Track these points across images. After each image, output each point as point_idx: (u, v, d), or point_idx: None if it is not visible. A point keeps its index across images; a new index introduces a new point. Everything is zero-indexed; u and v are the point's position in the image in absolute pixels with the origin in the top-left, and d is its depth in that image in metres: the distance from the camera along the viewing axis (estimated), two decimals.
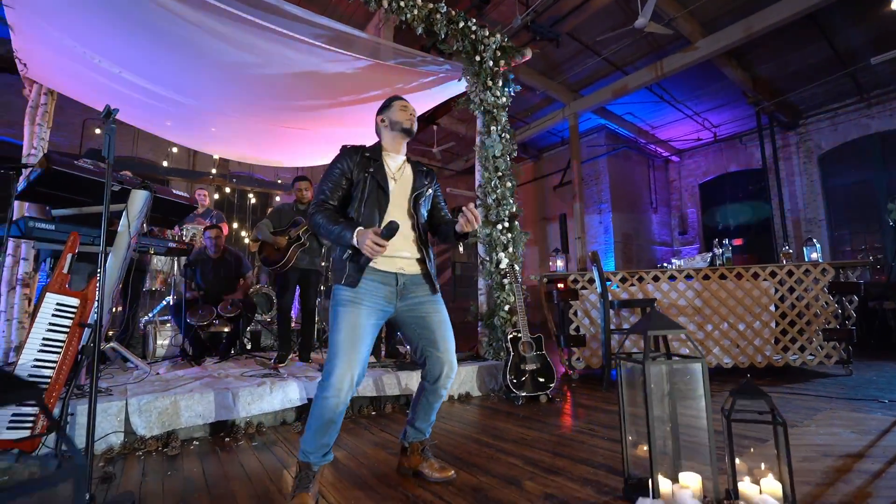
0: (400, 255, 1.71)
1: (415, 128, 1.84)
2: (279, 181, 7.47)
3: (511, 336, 3.26)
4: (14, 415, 1.83)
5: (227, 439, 2.33)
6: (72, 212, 2.70)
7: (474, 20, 3.98)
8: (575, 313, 4.02)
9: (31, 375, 1.91)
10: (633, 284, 4.01)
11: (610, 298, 3.70)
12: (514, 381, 3.12)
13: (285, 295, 3.61)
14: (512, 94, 4.19)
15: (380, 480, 1.75)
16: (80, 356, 1.95)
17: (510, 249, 3.84)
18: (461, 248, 3.46)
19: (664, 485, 1.42)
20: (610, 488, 1.62)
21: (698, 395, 1.49)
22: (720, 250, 4.16)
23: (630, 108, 9.96)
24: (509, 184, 3.97)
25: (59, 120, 4.93)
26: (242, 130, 4.73)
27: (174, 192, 3.03)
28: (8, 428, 1.80)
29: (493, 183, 3.89)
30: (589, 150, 10.91)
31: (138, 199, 2.72)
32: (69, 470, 0.67)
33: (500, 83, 4.09)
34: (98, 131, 6.14)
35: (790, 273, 3.84)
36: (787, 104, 9.27)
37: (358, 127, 4.88)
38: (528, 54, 4.23)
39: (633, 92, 8.72)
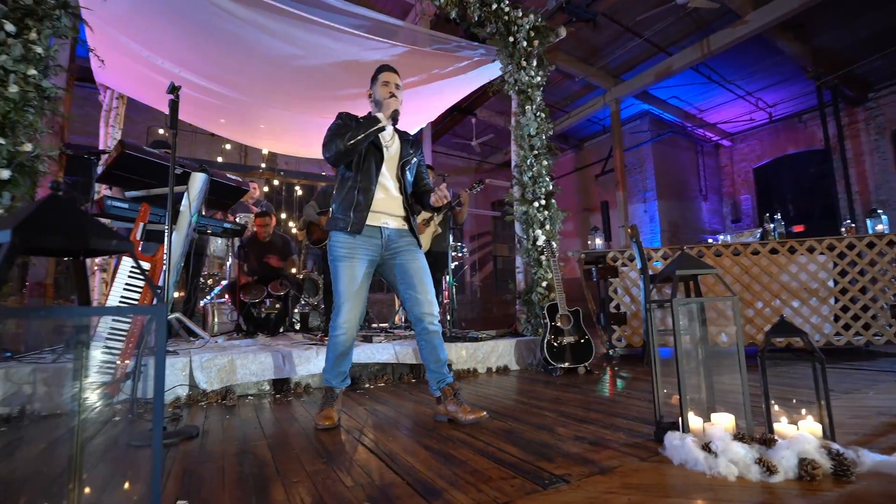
0: (385, 211, 1.96)
1: (396, 109, 1.98)
2: (323, 173, 7.80)
3: (548, 306, 3.28)
4: (101, 363, 2.07)
5: (277, 396, 2.52)
6: (142, 193, 2.97)
7: (507, 1, 4.01)
8: (615, 291, 3.96)
9: (111, 329, 2.15)
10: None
11: (651, 274, 3.62)
12: (552, 353, 3.13)
13: (327, 272, 3.80)
14: (547, 73, 4.19)
15: (417, 425, 1.84)
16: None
17: (547, 227, 3.85)
18: (436, 218, 3.62)
19: (694, 422, 1.42)
20: (642, 433, 1.63)
21: (731, 335, 1.47)
22: (772, 225, 3.96)
23: (675, 91, 9.59)
24: (545, 162, 3.98)
25: (128, 127, 5.43)
26: (288, 123, 5.01)
27: (228, 175, 3.28)
28: (95, 373, 2.04)
29: (528, 161, 3.91)
30: (632, 137, 10.60)
31: (197, 180, 2.96)
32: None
33: (535, 63, 4.10)
34: (161, 131, 6.71)
35: (851, 246, 3.61)
36: (853, 77, 8.59)
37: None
38: (563, 33, 4.21)
39: (678, 73, 8.40)
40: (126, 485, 1.24)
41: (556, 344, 3.17)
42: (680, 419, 1.43)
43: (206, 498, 1.15)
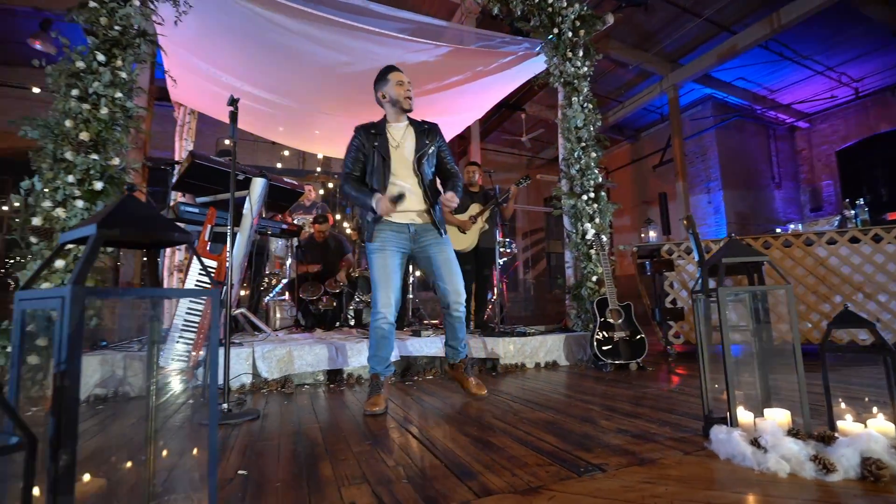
0: (410, 209, 2.12)
1: (408, 106, 2.15)
2: None
3: (597, 300, 3.21)
4: (178, 349, 2.31)
5: (331, 385, 2.67)
6: (210, 199, 3.24)
7: None
8: (671, 285, 3.79)
9: (185, 321, 2.39)
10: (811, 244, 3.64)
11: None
12: (601, 348, 3.06)
13: None
14: (594, 63, 4.08)
15: (460, 415, 1.89)
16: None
17: (597, 220, 3.75)
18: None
19: (744, 416, 1.35)
20: (689, 429, 1.57)
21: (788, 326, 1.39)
22: (852, 211, 3.61)
23: (741, 72, 8.93)
24: (594, 154, 3.88)
25: (199, 140, 5.95)
26: (340, 128, 5.23)
27: (284, 179, 3.51)
28: (174, 359, 2.28)
29: (576, 154, 3.83)
30: (693, 124, 10.00)
31: (258, 185, 3.19)
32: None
33: (581, 53, 4.00)
34: (227, 141, 7.26)
35: None
36: None
37: (444, 115, 5.12)
38: (610, 20, 4.08)
39: (744, 53, 7.82)
40: (195, 451, 1.40)
41: (605, 339, 3.09)
42: (728, 413, 1.37)
43: (262, 470, 1.27)
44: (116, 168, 2.55)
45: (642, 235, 3.61)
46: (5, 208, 7.66)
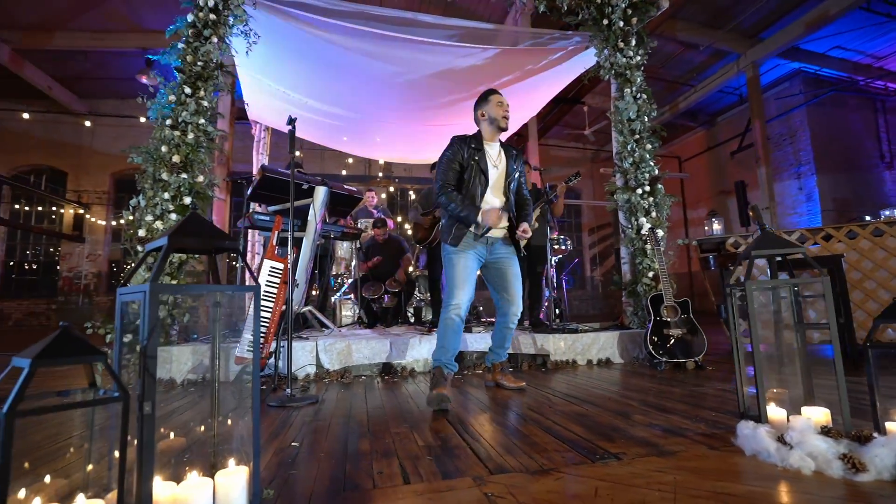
0: (498, 231, 2.24)
1: (508, 125, 2.27)
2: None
3: (652, 296, 3.13)
4: (251, 340, 2.64)
5: (385, 377, 2.88)
6: (279, 207, 3.61)
7: None
8: (738, 280, 3.56)
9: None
10: (815, 244, 3.36)
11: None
12: (655, 345, 2.98)
13: (435, 267, 4.12)
14: (648, 51, 3.93)
15: (499, 406, 1.99)
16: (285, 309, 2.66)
17: (653, 214, 3.63)
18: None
19: (776, 413, 1.32)
20: (725, 426, 1.54)
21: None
22: None
23: (836, 40, 8.01)
24: (649, 146, 3.75)
25: (274, 153, 6.55)
26: (399, 134, 5.51)
27: (344, 186, 3.79)
28: (245, 349, 2.61)
29: (629, 147, 3.73)
30: (779, 103, 9.13)
31: (320, 193, 3.51)
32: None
33: (633, 42, 3.88)
34: (298, 153, 7.93)
35: None
36: None
37: None
38: (665, 4, 3.91)
39: (838, 18, 7.02)
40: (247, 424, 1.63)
41: (660, 337, 3.01)
42: (759, 407, 1.34)
43: (312, 443, 1.47)
44: (202, 184, 2.96)
45: (706, 228, 3.37)
46: (122, 221, 8.90)
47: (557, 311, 5.22)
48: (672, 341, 2.98)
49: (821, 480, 1.08)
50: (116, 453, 0.77)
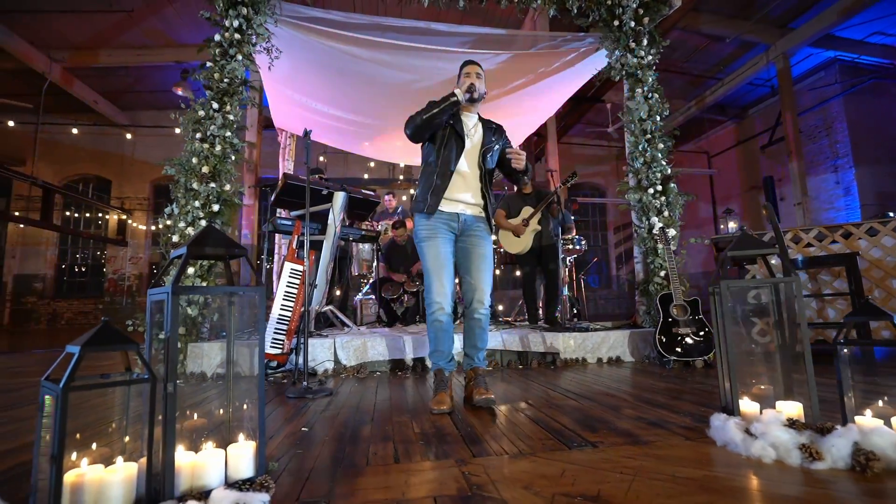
0: (461, 198, 2.11)
1: (476, 95, 2.12)
2: None
3: (661, 295, 3.17)
4: (273, 339, 2.85)
5: (398, 372, 3.04)
6: (301, 212, 3.82)
7: None
8: (754, 278, 3.54)
9: (279, 317, 2.92)
10: (834, 241, 3.30)
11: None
12: (664, 344, 3.02)
13: None
14: (660, 51, 3.94)
15: (500, 400, 2.11)
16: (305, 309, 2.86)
17: (665, 213, 3.65)
18: (526, 180, 3.50)
19: (749, 406, 1.39)
20: (708, 419, 1.61)
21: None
22: None
23: (877, 25, 7.67)
24: (661, 145, 3.77)
25: (300, 159, 6.83)
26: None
27: (361, 190, 3.99)
28: (270, 347, 2.82)
29: (640, 147, 3.76)
30: (813, 94, 8.81)
31: (339, 198, 3.71)
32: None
33: (645, 42, 3.90)
34: (322, 158, 8.21)
35: None
36: None
37: (512, 118, 5.29)
38: (678, 2, 3.91)
39: (877, 3, 6.71)
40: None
41: (669, 336, 3.04)
42: (732, 401, 1.41)
43: (320, 429, 1.63)
44: (228, 192, 3.20)
45: (721, 226, 3.31)
46: (161, 226, 9.43)
47: (575, 310, 5.28)
48: (681, 340, 3.01)
49: (780, 468, 1.15)
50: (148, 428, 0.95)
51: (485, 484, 1.09)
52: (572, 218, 4.90)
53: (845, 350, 1.31)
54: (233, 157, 3.26)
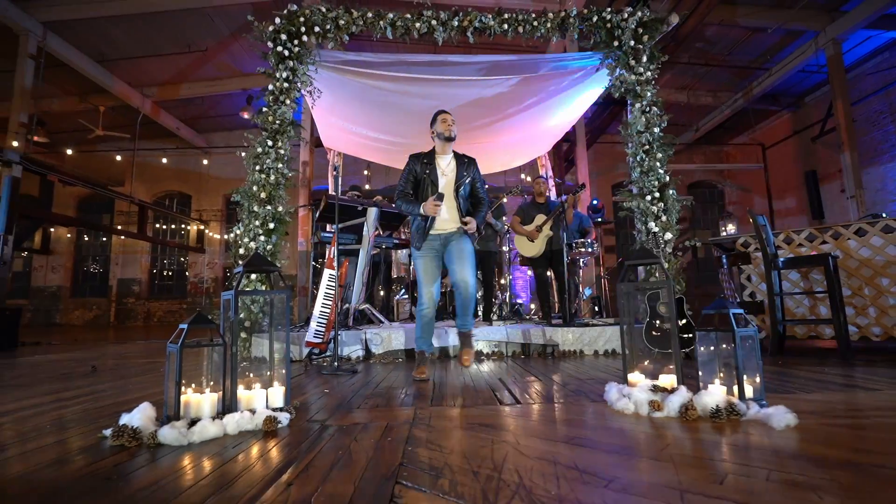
0: (443, 226, 2.74)
1: (453, 135, 2.79)
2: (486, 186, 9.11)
3: (649, 294, 3.57)
4: (315, 331, 3.62)
5: (398, 360, 3.69)
6: (341, 225, 4.60)
7: (609, 9, 4.33)
8: (748, 278, 3.82)
9: (320, 314, 3.69)
10: (825, 242, 3.53)
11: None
12: (650, 338, 3.43)
13: None
14: (659, 66, 4.28)
15: (482, 377, 2.69)
16: (340, 307, 3.60)
17: (663, 218, 4.01)
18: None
19: (636, 377, 1.89)
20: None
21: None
22: None
23: None
24: (659, 155, 4.12)
25: (345, 172, 7.74)
26: None
27: (392, 205, 4.69)
28: (313, 337, 3.59)
29: (638, 157, 4.14)
30: (875, 78, 8.40)
31: (372, 213, 4.44)
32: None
33: (644, 59, 4.27)
34: (366, 172, 9.12)
35: None
36: None
37: (531, 132, 5.79)
38: (675, 20, 4.24)
39: None
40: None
41: (655, 330, 3.45)
42: (625, 375, 1.92)
43: (338, 392, 2.32)
44: (281, 213, 4.02)
45: (722, 229, 3.43)
46: (232, 236, 10.83)
47: (596, 307, 5.69)
48: (665, 334, 3.41)
49: (634, 416, 1.67)
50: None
51: (425, 417, 1.71)
52: (591, 221, 5.33)
53: (713, 335, 1.78)
54: (283, 184, 4.08)
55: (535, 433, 1.47)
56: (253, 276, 3.76)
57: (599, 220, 6.96)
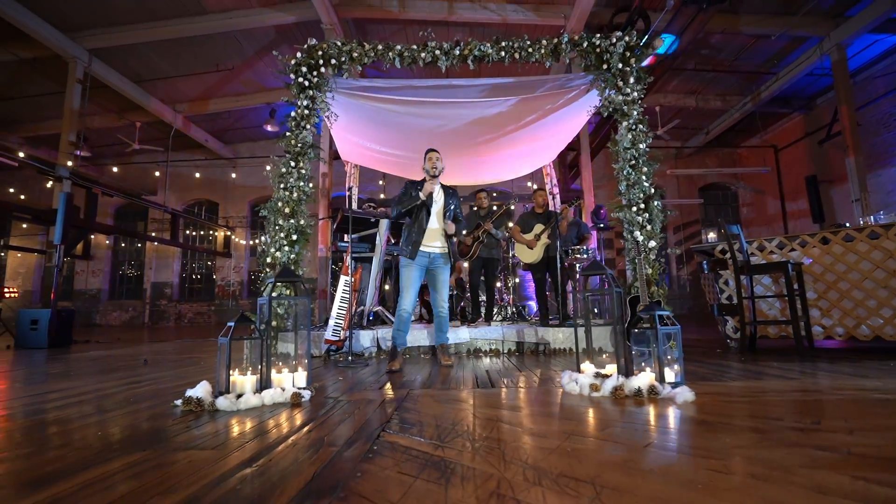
0: (431, 245, 3.35)
1: (437, 173, 3.42)
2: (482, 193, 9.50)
3: (630, 297, 4.00)
4: (333, 329, 4.17)
5: (422, 355, 4.21)
6: (356, 236, 5.15)
7: (598, 35, 4.76)
8: (726, 282, 4.20)
9: (336, 315, 4.24)
10: (793, 250, 3.89)
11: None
12: (630, 336, 3.86)
13: (472, 276, 5.36)
14: (645, 86, 4.69)
15: (469, 367, 3.18)
16: (354, 309, 4.15)
17: (647, 228, 4.42)
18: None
19: (587, 367, 2.36)
20: None
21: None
22: None
23: None
24: (645, 168, 4.53)
25: (361, 179, 8.32)
26: (451, 166, 6.82)
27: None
28: (331, 335, 4.15)
29: (625, 171, 4.56)
30: (886, 80, 8.51)
31: (383, 224, 4.98)
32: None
33: (632, 80, 4.68)
34: (381, 182, 9.71)
35: None
36: None
37: (532, 145, 6.24)
38: (658, 45, 4.64)
39: None
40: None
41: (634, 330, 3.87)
42: (577, 364, 2.38)
43: (347, 378, 2.85)
44: (303, 226, 4.60)
45: (702, 238, 3.69)
46: (258, 241, 11.53)
47: (596, 309, 6.02)
48: (644, 334, 3.83)
49: (577, 395, 2.14)
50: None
51: (415, 396, 2.22)
52: (589, 229, 5.76)
53: (642, 329, 2.23)
54: (304, 200, 4.65)
55: (493, 405, 1.96)
56: (278, 284, 4.34)
57: (602, 226, 7.34)
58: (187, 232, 13.86)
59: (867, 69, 8.54)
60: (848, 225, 3.75)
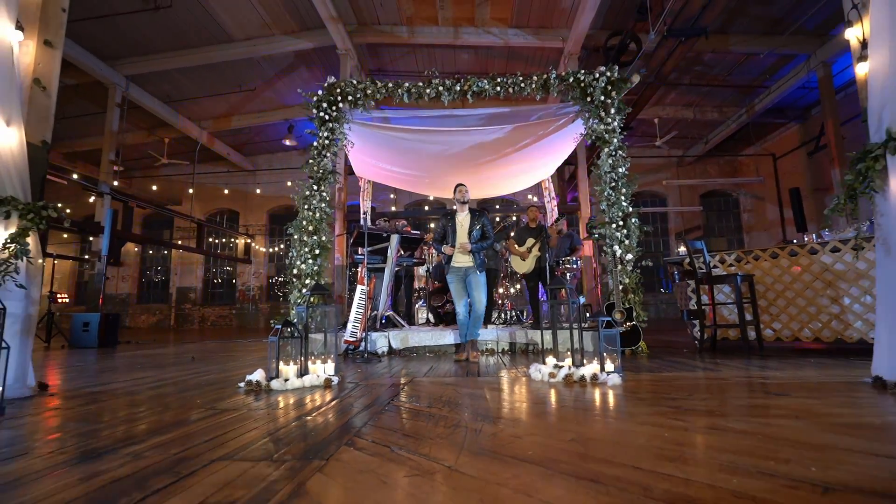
0: (461, 261, 4.15)
1: (465, 200, 4.23)
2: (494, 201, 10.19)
3: (607, 304, 4.69)
4: (351, 331, 4.95)
5: (427, 354, 4.96)
6: (371, 248, 5.90)
7: (583, 71, 5.46)
8: (693, 290, 4.86)
9: (354, 319, 5.02)
10: (748, 263, 4.54)
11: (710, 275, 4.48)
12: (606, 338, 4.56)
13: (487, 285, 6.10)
14: (624, 116, 5.38)
15: (472, 363, 3.91)
16: (370, 314, 4.90)
17: (626, 242, 5.11)
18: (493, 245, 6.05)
19: (550, 360, 3.08)
20: None
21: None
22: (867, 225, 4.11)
23: None
24: (624, 190, 5.21)
25: (375, 194, 9.10)
26: (452, 184, 7.57)
27: (410, 231, 5.99)
28: (350, 336, 4.92)
29: (605, 193, 5.25)
30: None
31: (394, 239, 5.75)
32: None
33: (613, 111, 5.37)
34: (392, 195, 10.51)
35: None
36: None
37: (527, 163, 6.95)
38: (636, 80, 5.32)
39: None
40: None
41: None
42: (542, 358, 3.10)
43: (364, 370, 3.60)
44: (325, 242, 5.38)
45: (675, 250, 4.18)
46: (277, 248, 12.42)
47: (588, 314, 6.70)
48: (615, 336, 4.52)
49: (539, 381, 2.86)
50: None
51: (418, 382, 2.96)
52: (581, 241, 6.45)
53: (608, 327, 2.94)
54: (325, 219, 5.44)
55: (472, 386, 2.70)
56: (303, 292, 5.13)
57: (596, 237, 8.00)
58: (210, 239, 14.84)
59: (851, 85, 9.04)
60: (796, 241, 4.39)
